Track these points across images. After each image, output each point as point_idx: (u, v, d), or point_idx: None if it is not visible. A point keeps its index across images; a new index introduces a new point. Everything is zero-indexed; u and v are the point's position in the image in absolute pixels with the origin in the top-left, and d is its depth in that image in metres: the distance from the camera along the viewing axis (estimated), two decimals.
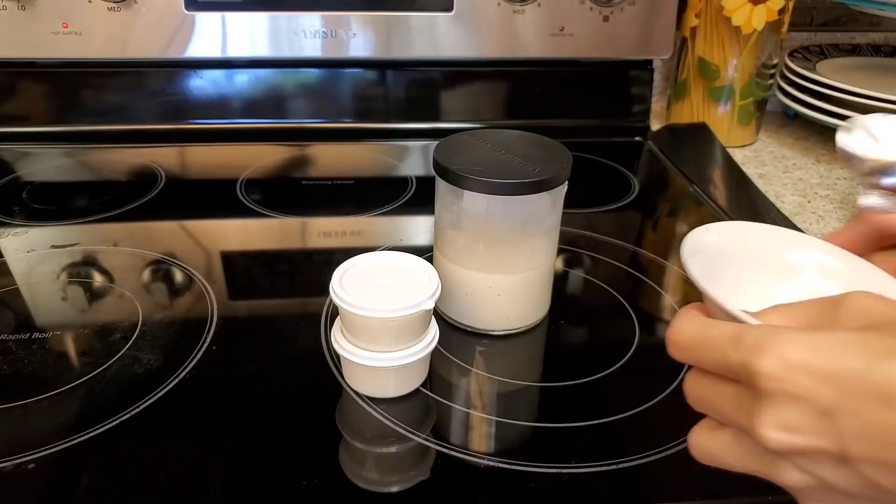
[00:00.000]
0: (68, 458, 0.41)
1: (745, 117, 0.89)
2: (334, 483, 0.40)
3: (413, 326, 0.43)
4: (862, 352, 0.24)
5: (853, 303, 0.27)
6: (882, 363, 0.24)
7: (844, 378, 0.24)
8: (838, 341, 0.25)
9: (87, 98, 0.84)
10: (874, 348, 0.24)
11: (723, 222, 0.38)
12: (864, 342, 0.25)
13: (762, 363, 0.25)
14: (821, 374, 0.24)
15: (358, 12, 0.80)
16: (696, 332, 0.29)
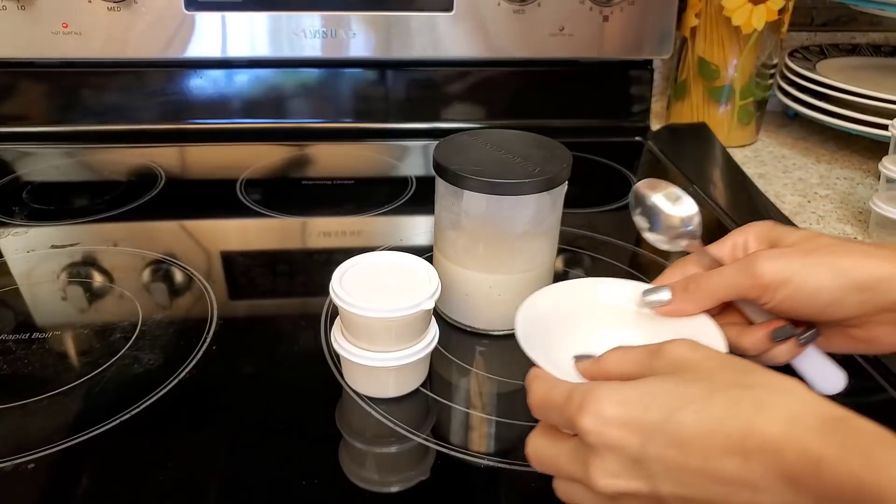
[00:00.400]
0: (68, 458, 0.41)
1: (745, 117, 0.89)
2: (334, 483, 0.40)
3: (413, 326, 0.43)
4: (663, 403, 0.28)
5: (668, 353, 0.31)
6: (678, 413, 0.27)
7: (647, 428, 0.28)
8: (644, 394, 0.29)
9: (87, 98, 0.84)
10: (674, 397, 0.28)
11: (553, 285, 0.43)
12: (667, 392, 0.28)
13: (584, 420, 0.29)
14: (629, 425, 0.28)
15: (358, 12, 0.80)
16: (543, 394, 0.32)
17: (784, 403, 0.26)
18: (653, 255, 0.64)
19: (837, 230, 0.69)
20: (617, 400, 0.29)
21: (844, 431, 0.25)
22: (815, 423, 0.25)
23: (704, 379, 0.29)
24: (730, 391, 0.27)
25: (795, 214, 0.73)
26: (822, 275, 0.35)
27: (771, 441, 0.25)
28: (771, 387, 0.27)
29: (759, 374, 0.28)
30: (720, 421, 0.26)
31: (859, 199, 0.76)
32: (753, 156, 0.88)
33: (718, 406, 0.27)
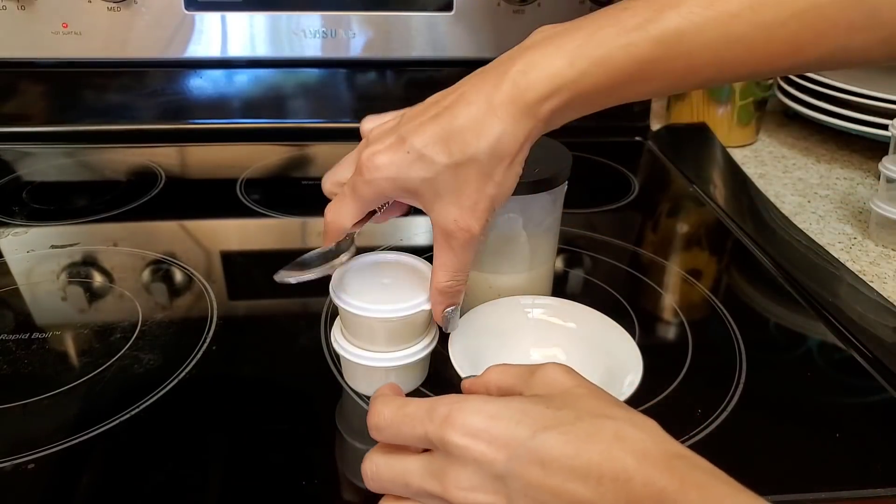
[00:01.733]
0: (68, 458, 0.41)
1: (745, 117, 0.89)
2: (334, 483, 0.40)
3: (413, 326, 0.43)
4: (531, 422, 0.29)
5: (544, 374, 0.33)
6: (543, 433, 0.29)
7: (512, 445, 0.29)
8: (515, 411, 0.30)
9: (87, 98, 0.84)
10: (542, 419, 0.29)
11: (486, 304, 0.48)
12: (537, 414, 0.30)
13: (450, 433, 0.30)
14: (495, 441, 0.29)
15: (358, 12, 0.80)
16: (394, 411, 0.33)
17: (640, 439, 0.28)
18: (653, 255, 0.64)
19: (837, 230, 0.69)
20: (488, 413, 0.30)
21: (686, 467, 0.27)
22: (663, 458, 0.28)
23: (572, 406, 0.30)
24: (594, 420, 0.29)
25: (795, 214, 0.73)
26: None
27: (623, 471, 0.27)
28: (631, 421, 0.29)
29: (621, 409, 0.31)
30: (583, 446, 0.28)
31: (859, 199, 0.76)
32: (753, 156, 0.88)
33: (582, 432, 0.29)
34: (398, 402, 0.33)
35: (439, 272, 0.40)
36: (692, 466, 0.28)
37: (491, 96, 0.37)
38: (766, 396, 0.47)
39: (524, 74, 0.37)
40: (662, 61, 0.37)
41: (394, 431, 0.33)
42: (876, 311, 0.56)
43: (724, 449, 0.42)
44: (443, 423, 0.30)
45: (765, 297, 0.59)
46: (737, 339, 0.52)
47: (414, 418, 0.32)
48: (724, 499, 0.26)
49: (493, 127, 0.37)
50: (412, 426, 0.32)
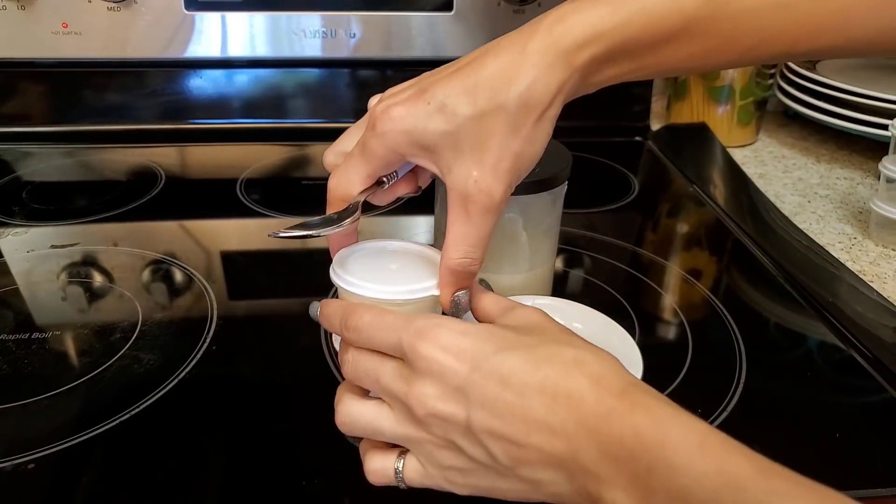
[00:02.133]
0: (68, 458, 0.40)
1: (745, 117, 0.89)
2: (334, 483, 0.40)
3: (421, 311, 0.38)
4: (497, 342, 0.31)
5: (521, 311, 0.35)
6: (507, 351, 0.30)
7: (476, 358, 0.30)
8: (485, 331, 0.32)
9: (87, 98, 0.84)
10: (508, 341, 0.31)
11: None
12: (504, 336, 0.31)
13: (420, 342, 0.31)
14: (461, 353, 0.30)
15: (358, 12, 0.80)
16: (374, 316, 0.34)
17: (597, 363, 0.30)
18: (653, 255, 0.64)
19: (837, 230, 0.69)
20: (458, 331, 0.31)
21: (637, 392, 0.29)
22: (618, 383, 0.29)
23: (538, 334, 0.32)
24: (556, 345, 0.31)
25: (795, 214, 0.73)
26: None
27: (577, 390, 0.29)
28: (591, 351, 0.31)
29: (581, 341, 0.32)
30: (542, 364, 0.30)
31: (859, 199, 0.76)
32: (753, 156, 0.88)
33: (543, 353, 0.30)
34: (378, 309, 0.34)
35: (452, 247, 0.36)
36: (643, 391, 0.29)
37: (524, 45, 0.34)
38: (766, 396, 0.47)
39: (560, 21, 0.34)
40: (708, 21, 0.35)
41: (369, 334, 0.33)
42: (876, 311, 0.56)
43: None
44: (416, 333, 0.31)
45: (765, 297, 0.59)
46: (737, 339, 0.52)
47: (390, 326, 0.32)
48: (668, 418, 0.27)
49: (525, 73, 0.34)
50: (387, 332, 0.32)
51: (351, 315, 0.34)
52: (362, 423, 0.34)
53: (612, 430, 0.27)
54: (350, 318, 0.34)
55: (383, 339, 0.33)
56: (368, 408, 0.34)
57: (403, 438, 0.33)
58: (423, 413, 0.31)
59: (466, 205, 0.35)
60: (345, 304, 0.36)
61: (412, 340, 0.31)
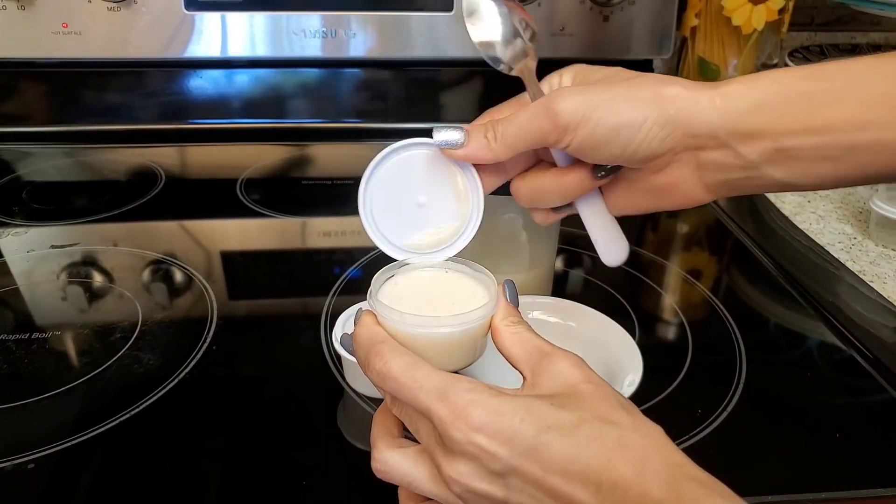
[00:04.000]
0: (68, 458, 0.40)
1: None
2: (334, 483, 0.40)
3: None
4: (534, 420, 0.28)
5: (552, 366, 0.31)
6: (546, 433, 0.28)
7: (513, 441, 0.28)
8: (522, 409, 0.29)
9: (87, 98, 0.84)
10: (546, 420, 0.29)
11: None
12: (542, 414, 0.29)
13: (453, 425, 0.29)
14: (497, 435, 0.28)
15: (358, 12, 0.80)
16: (402, 369, 0.31)
17: (641, 445, 0.28)
18: (653, 255, 0.64)
19: (837, 230, 0.69)
20: (494, 409, 0.29)
21: (683, 479, 0.27)
22: (662, 468, 0.27)
23: (577, 406, 0.29)
24: (597, 424, 0.29)
25: (795, 214, 0.73)
26: (623, 106, 0.34)
27: (622, 479, 0.27)
28: (635, 428, 0.29)
29: (626, 413, 0.29)
30: (584, 450, 0.28)
31: (859, 199, 0.76)
32: None
33: (584, 436, 0.28)
34: (409, 360, 0.31)
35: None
36: (690, 479, 0.27)
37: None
38: (766, 396, 0.47)
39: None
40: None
41: (395, 388, 0.31)
42: (876, 311, 0.56)
43: (724, 449, 0.42)
44: (448, 412, 0.29)
45: (765, 297, 0.59)
46: (737, 339, 0.52)
47: (420, 390, 0.30)
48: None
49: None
50: (416, 396, 0.30)
51: (375, 357, 0.32)
52: (398, 474, 0.32)
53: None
54: (373, 361, 0.32)
55: (411, 401, 0.30)
56: (406, 460, 0.32)
57: (440, 498, 0.31)
58: (459, 490, 0.30)
59: None
60: (373, 336, 0.33)
61: (443, 419, 0.29)
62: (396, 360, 0.31)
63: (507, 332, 0.34)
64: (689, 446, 0.42)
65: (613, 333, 0.46)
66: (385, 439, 0.33)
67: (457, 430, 0.29)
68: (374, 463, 0.33)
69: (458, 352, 0.35)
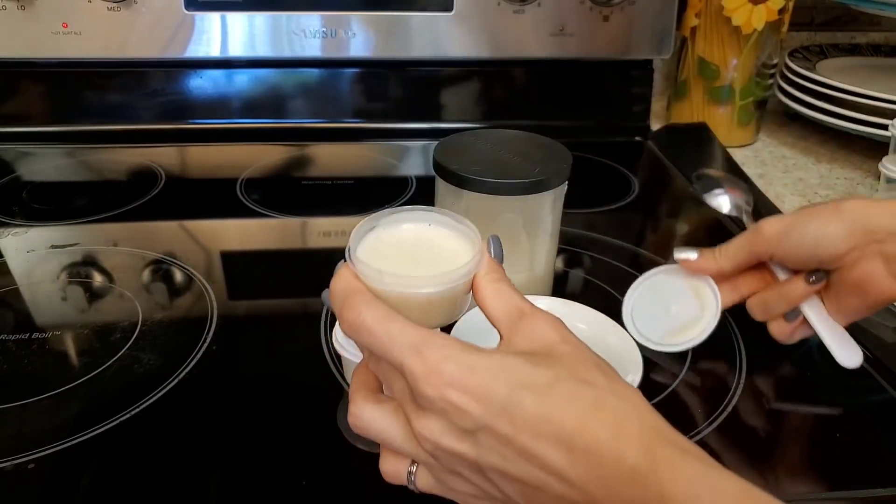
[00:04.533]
0: (68, 458, 0.41)
1: (745, 117, 0.89)
2: (334, 483, 0.40)
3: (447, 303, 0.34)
4: (509, 379, 0.28)
5: (530, 324, 0.31)
6: (521, 391, 0.28)
7: (488, 399, 0.28)
8: (495, 365, 0.28)
9: (87, 98, 0.84)
10: (520, 377, 0.28)
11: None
12: (516, 370, 0.28)
13: (425, 379, 0.28)
14: (470, 393, 0.28)
15: (358, 12, 0.80)
16: (374, 322, 0.30)
17: (617, 408, 0.28)
18: (653, 255, 0.64)
19: None
20: (466, 365, 0.28)
21: (660, 444, 0.27)
22: (638, 432, 0.27)
23: (553, 366, 0.29)
24: (573, 384, 0.28)
25: None
26: (811, 218, 0.44)
27: (595, 443, 0.27)
28: (612, 390, 0.28)
29: (603, 375, 0.29)
30: (557, 410, 0.27)
31: None
32: (753, 156, 0.88)
33: (559, 396, 0.28)
34: (382, 312, 0.30)
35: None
36: (668, 443, 0.27)
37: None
38: (766, 396, 0.47)
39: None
40: None
41: (368, 341, 0.30)
42: None
43: (724, 449, 0.42)
44: (421, 365, 0.28)
45: None
46: (737, 339, 0.52)
47: (392, 343, 0.29)
48: (696, 478, 0.25)
49: None
50: (388, 349, 0.29)
51: (348, 309, 0.30)
52: (373, 429, 0.32)
53: (635, 493, 0.26)
54: (346, 312, 0.30)
55: (384, 354, 0.30)
56: (381, 415, 0.32)
57: (412, 455, 0.31)
58: (429, 447, 0.30)
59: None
60: (348, 287, 0.32)
61: (415, 374, 0.28)
62: (370, 312, 0.30)
63: (489, 288, 0.33)
64: None
65: (613, 333, 0.46)
66: (363, 393, 0.33)
67: (428, 385, 0.28)
68: (350, 417, 0.32)
69: (439, 311, 0.34)
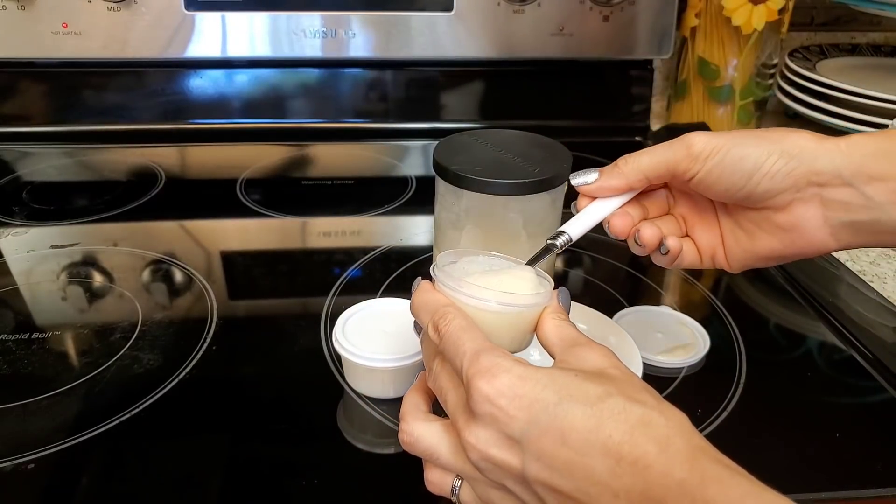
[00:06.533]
0: (68, 458, 0.41)
1: (745, 117, 0.89)
2: (334, 483, 0.40)
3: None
4: (559, 390, 0.29)
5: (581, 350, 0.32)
6: (568, 403, 0.28)
7: (534, 407, 0.28)
8: (546, 377, 0.29)
9: (87, 98, 0.84)
10: (570, 388, 0.29)
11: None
12: (566, 383, 0.29)
13: (478, 383, 0.29)
14: (518, 399, 0.29)
15: (358, 12, 0.80)
16: (456, 329, 0.32)
17: (665, 426, 0.28)
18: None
19: None
20: (518, 374, 0.29)
21: (707, 461, 0.27)
22: (686, 449, 0.27)
23: (604, 383, 0.29)
24: (622, 400, 0.28)
25: None
26: (749, 144, 0.36)
27: (644, 456, 0.27)
28: (659, 409, 0.28)
29: (651, 396, 0.29)
30: (606, 422, 0.28)
31: None
32: None
33: (608, 409, 0.28)
34: (466, 322, 0.32)
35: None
36: (714, 461, 0.27)
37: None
38: (766, 396, 0.47)
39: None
40: None
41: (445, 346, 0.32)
42: (876, 311, 0.56)
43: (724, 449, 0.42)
44: (477, 370, 0.30)
45: (765, 297, 0.59)
46: (737, 339, 0.52)
47: (461, 350, 0.31)
48: (745, 497, 0.25)
49: None
50: (457, 354, 0.31)
51: (441, 318, 0.33)
52: (422, 445, 0.33)
53: (682, 502, 0.26)
54: (440, 322, 0.33)
55: (452, 358, 0.32)
56: (431, 432, 0.33)
57: (459, 471, 0.32)
58: (475, 457, 0.30)
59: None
60: (439, 301, 0.34)
61: (471, 377, 0.30)
62: (456, 321, 0.32)
63: (552, 322, 0.35)
64: None
65: (613, 333, 0.46)
66: (414, 413, 0.34)
67: (481, 388, 0.29)
68: (402, 434, 0.33)
69: (502, 333, 0.35)
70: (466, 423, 0.30)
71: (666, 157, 0.37)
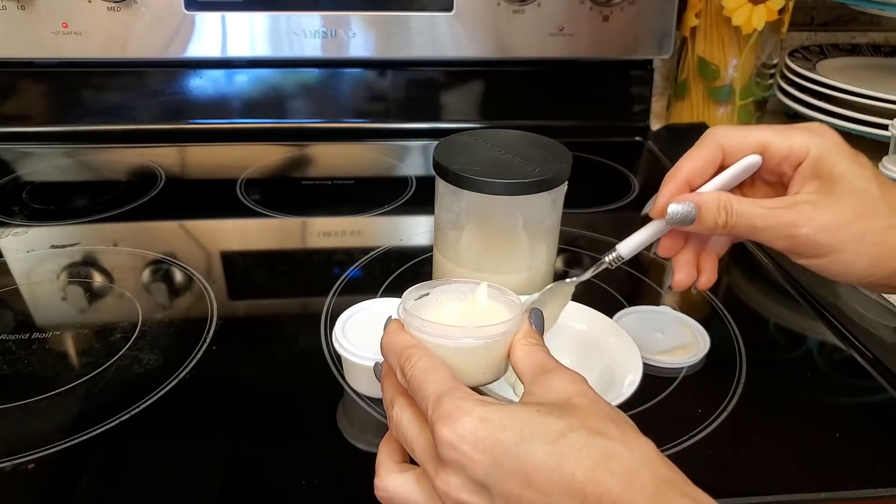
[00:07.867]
0: (68, 458, 0.41)
1: (745, 117, 0.89)
2: (334, 483, 0.40)
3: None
4: (520, 429, 0.28)
5: (548, 380, 0.32)
6: (529, 442, 0.28)
7: (496, 450, 0.28)
8: (507, 416, 0.29)
9: (87, 98, 0.84)
10: (531, 427, 0.29)
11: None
12: (527, 421, 0.29)
13: (443, 431, 0.29)
14: (481, 444, 0.29)
15: (358, 12, 0.80)
16: (421, 372, 0.32)
17: (629, 459, 0.27)
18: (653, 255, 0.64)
19: None
20: (479, 417, 0.29)
21: (673, 494, 0.26)
22: (650, 483, 0.27)
23: (565, 416, 0.29)
24: (584, 434, 0.28)
25: None
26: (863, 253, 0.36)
27: (607, 494, 0.26)
28: (622, 440, 0.28)
29: (616, 427, 0.29)
30: (568, 460, 0.27)
31: None
32: None
33: (569, 445, 0.28)
34: (431, 362, 0.33)
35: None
36: (681, 494, 0.27)
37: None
38: (766, 396, 0.47)
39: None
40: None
41: (412, 388, 0.32)
42: (876, 311, 0.56)
43: (724, 449, 0.42)
44: (439, 415, 0.30)
45: (765, 297, 0.59)
46: (737, 339, 0.52)
47: (426, 393, 0.31)
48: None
49: None
50: (422, 398, 0.31)
51: (406, 361, 0.33)
52: (399, 499, 0.33)
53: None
54: (405, 364, 0.33)
55: (419, 402, 0.32)
56: (405, 483, 0.33)
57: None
58: (449, 501, 0.30)
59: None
60: (405, 343, 0.34)
61: (434, 423, 0.30)
62: (420, 363, 0.33)
63: (523, 348, 0.35)
64: (688, 446, 0.42)
65: (613, 333, 0.46)
66: (387, 465, 0.34)
67: (443, 433, 0.29)
68: (376, 490, 0.34)
69: (476, 366, 0.35)
70: (436, 469, 0.30)
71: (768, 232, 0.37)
